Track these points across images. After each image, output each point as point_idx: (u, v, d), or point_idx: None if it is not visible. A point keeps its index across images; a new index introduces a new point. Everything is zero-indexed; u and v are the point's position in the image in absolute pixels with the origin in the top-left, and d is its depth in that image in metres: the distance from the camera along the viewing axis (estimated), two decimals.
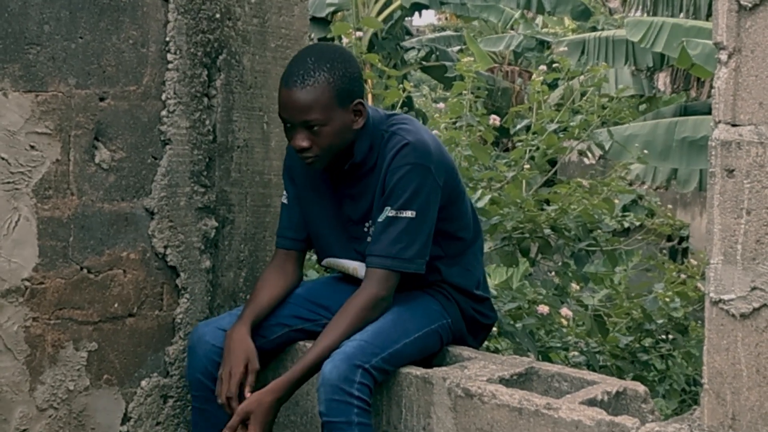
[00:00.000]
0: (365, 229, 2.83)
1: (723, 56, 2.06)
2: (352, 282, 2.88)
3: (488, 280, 3.26)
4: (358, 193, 2.82)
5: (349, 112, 2.72)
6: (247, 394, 2.67)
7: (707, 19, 11.18)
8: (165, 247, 2.97)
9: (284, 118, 2.72)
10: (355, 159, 2.77)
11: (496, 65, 15.86)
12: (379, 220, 2.74)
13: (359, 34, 5.48)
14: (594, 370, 3.89)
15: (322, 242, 2.94)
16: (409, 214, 2.70)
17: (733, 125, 2.06)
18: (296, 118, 2.68)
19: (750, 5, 2.01)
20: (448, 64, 13.94)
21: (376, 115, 2.84)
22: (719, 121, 2.07)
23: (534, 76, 5.21)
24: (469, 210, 2.95)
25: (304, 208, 2.93)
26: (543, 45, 15.55)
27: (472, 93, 4.74)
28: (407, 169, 2.71)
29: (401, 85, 4.90)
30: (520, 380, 2.68)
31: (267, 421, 2.61)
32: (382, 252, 2.71)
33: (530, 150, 4.74)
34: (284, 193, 2.97)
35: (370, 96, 6.87)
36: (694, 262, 4.98)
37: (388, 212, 2.72)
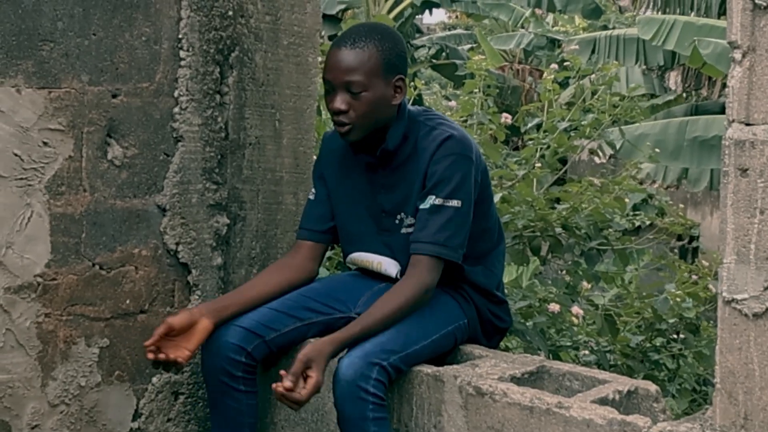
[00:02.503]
0: (396, 221, 2.84)
1: (737, 55, 2.05)
2: (372, 278, 2.88)
3: None
4: (393, 183, 2.84)
5: (390, 86, 2.76)
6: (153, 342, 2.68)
7: (719, 18, 11.15)
8: (177, 244, 2.98)
9: (327, 79, 2.76)
10: (388, 146, 2.80)
11: (506, 63, 15.84)
12: (423, 207, 2.75)
13: None
14: (604, 370, 3.89)
15: (351, 235, 2.94)
16: (455, 203, 2.73)
17: (747, 124, 2.05)
18: (339, 78, 2.72)
19: (765, 4, 2.00)
20: (458, 62, 13.94)
21: (413, 108, 2.89)
22: (733, 121, 2.07)
23: (545, 75, 5.20)
24: (495, 214, 2.99)
25: (335, 204, 2.94)
26: (554, 43, 15.52)
27: (482, 91, 4.73)
28: (453, 159, 2.74)
29: (412, 83, 4.90)
30: (532, 379, 2.67)
31: (324, 368, 2.60)
32: (430, 239, 2.72)
33: (541, 148, 4.73)
34: (312, 190, 2.99)
35: None
36: (706, 263, 4.96)
37: (434, 200, 2.73)
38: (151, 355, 2.70)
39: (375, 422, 2.54)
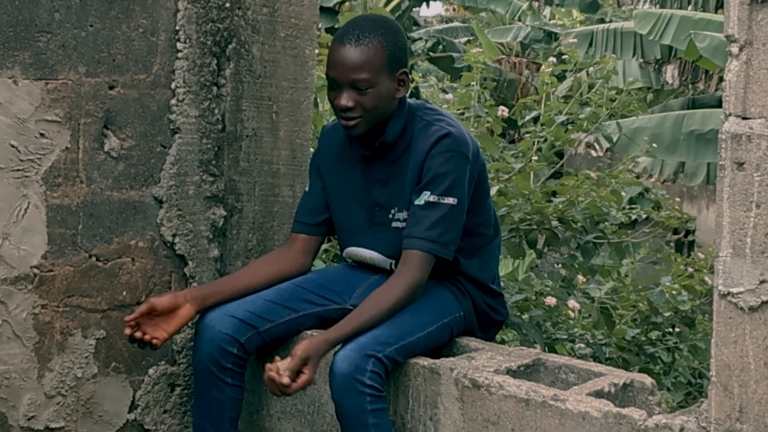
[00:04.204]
0: (390, 215, 2.84)
1: (734, 49, 2.05)
2: (367, 270, 2.89)
3: None
4: (388, 177, 2.84)
5: (395, 81, 2.76)
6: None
7: (716, 12, 11.16)
8: (173, 236, 2.98)
9: (332, 77, 2.74)
10: (387, 138, 2.80)
11: (503, 57, 15.84)
12: (418, 203, 2.75)
13: None
14: (600, 363, 3.89)
15: (346, 230, 2.95)
16: (451, 200, 2.73)
17: (744, 118, 2.05)
18: (346, 76, 2.71)
19: None
20: (455, 55, 13.94)
21: (411, 101, 2.89)
22: (729, 114, 2.07)
23: (543, 68, 5.20)
24: (492, 207, 2.99)
25: (331, 198, 2.94)
26: (551, 36, 15.52)
27: (479, 84, 4.73)
28: (450, 156, 2.74)
29: (410, 76, 4.89)
30: (527, 371, 2.68)
31: (317, 366, 2.61)
32: (423, 235, 2.72)
33: (538, 142, 4.73)
34: (308, 182, 2.99)
35: None
36: (702, 256, 4.97)
37: (428, 197, 2.73)
38: (128, 331, 2.72)
39: (373, 414, 2.54)
